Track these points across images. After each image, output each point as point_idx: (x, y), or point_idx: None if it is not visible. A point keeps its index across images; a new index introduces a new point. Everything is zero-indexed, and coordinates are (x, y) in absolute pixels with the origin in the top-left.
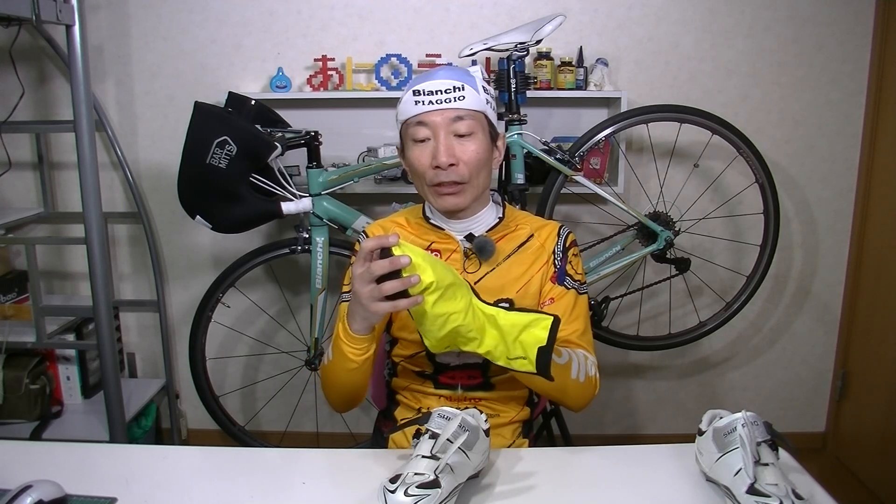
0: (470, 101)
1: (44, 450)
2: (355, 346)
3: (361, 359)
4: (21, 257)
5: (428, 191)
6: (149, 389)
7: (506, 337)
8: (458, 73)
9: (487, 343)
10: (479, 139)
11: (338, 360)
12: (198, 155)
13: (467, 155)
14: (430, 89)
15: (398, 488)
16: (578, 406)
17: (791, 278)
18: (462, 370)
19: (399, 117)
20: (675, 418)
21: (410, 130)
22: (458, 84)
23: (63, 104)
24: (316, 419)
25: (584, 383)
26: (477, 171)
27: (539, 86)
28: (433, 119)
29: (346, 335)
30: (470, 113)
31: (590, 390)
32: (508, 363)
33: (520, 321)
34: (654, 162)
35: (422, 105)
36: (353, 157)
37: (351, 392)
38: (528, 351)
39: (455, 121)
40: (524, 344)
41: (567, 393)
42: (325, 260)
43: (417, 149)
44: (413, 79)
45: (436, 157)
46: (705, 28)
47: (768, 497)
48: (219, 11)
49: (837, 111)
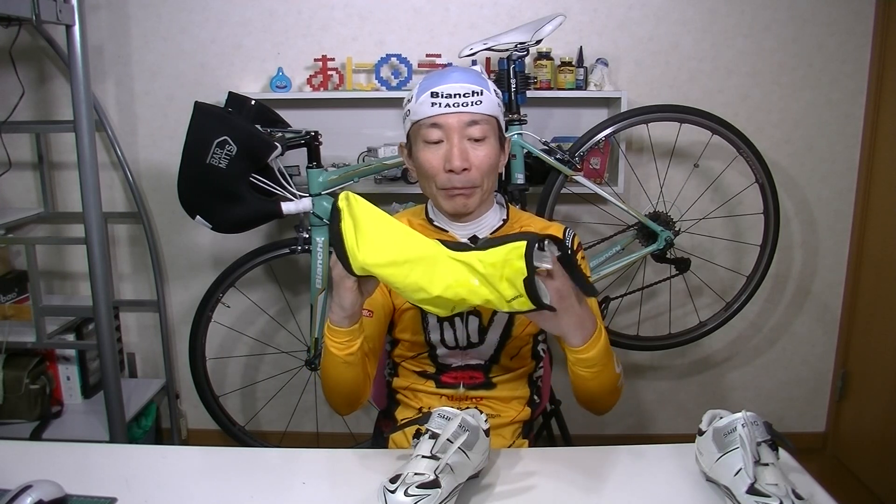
0: (486, 106)
1: (44, 450)
2: (336, 339)
3: (344, 353)
4: (21, 257)
5: (438, 193)
6: (149, 389)
7: (491, 280)
8: (473, 75)
9: (481, 293)
10: (491, 143)
11: (325, 355)
12: (198, 155)
13: (479, 160)
14: (448, 92)
15: (398, 488)
16: (611, 405)
17: (791, 278)
18: (464, 370)
19: (411, 117)
20: (675, 418)
21: (423, 132)
22: (476, 88)
23: (63, 104)
24: (316, 419)
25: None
26: (487, 176)
27: (539, 86)
28: (448, 122)
29: (327, 328)
30: (485, 118)
31: (621, 390)
32: (511, 307)
33: (496, 258)
34: (654, 162)
35: (438, 107)
36: (353, 157)
37: (346, 391)
38: (518, 286)
39: (470, 125)
40: (512, 281)
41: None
42: (325, 260)
43: (429, 151)
44: (427, 79)
45: (449, 161)
46: (705, 28)
47: (768, 497)
48: (219, 11)
49: (837, 111)
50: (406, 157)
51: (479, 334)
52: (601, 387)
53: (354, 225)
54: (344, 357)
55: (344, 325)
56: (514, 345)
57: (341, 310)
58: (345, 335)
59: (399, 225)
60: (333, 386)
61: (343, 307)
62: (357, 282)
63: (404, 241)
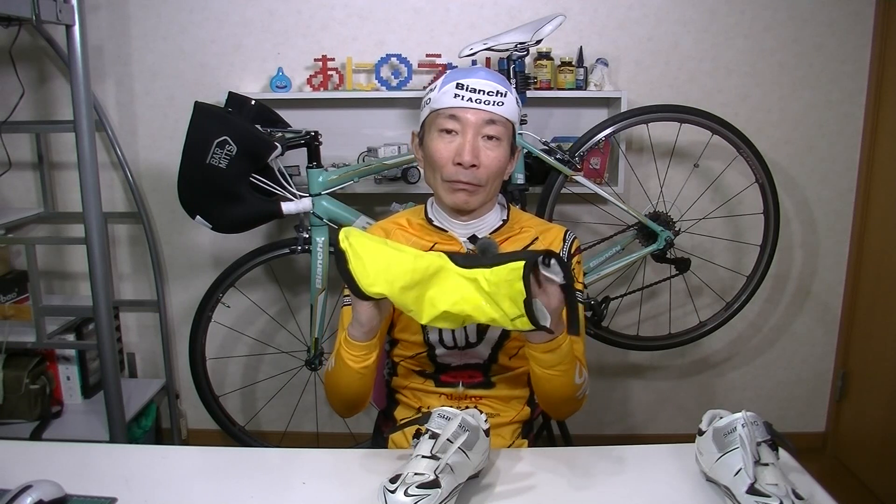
0: (506, 109)
1: (44, 450)
2: (353, 352)
3: (359, 366)
4: (21, 257)
5: (441, 184)
6: (149, 389)
7: (495, 298)
8: (499, 77)
9: (486, 311)
10: (504, 147)
11: (339, 366)
12: (198, 155)
13: (489, 160)
14: (474, 87)
15: (398, 488)
16: (566, 413)
17: (791, 278)
18: (463, 370)
19: (431, 105)
20: (675, 418)
21: (439, 120)
22: (501, 89)
23: (63, 104)
24: (316, 419)
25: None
26: (494, 178)
27: (539, 86)
28: (467, 116)
29: (345, 341)
30: (503, 120)
31: (579, 403)
32: (514, 325)
33: (499, 277)
34: (654, 162)
35: (460, 99)
36: (353, 157)
37: (353, 399)
38: (520, 306)
39: (487, 124)
40: (514, 300)
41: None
42: (325, 260)
43: (442, 141)
44: (454, 71)
45: (460, 155)
46: (705, 28)
47: (768, 497)
48: (219, 11)
49: (837, 111)
50: (416, 145)
51: (477, 334)
52: (555, 391)
53: (362, 261)
54: (359, 370)
55: (362, 340)
56: (512, 345)
57: (360, 325)
58: (362, 349)
59: (402, 249)
60: (342, 393)
61: (361, 323)
62: (374, 301)
63: (412, 264)
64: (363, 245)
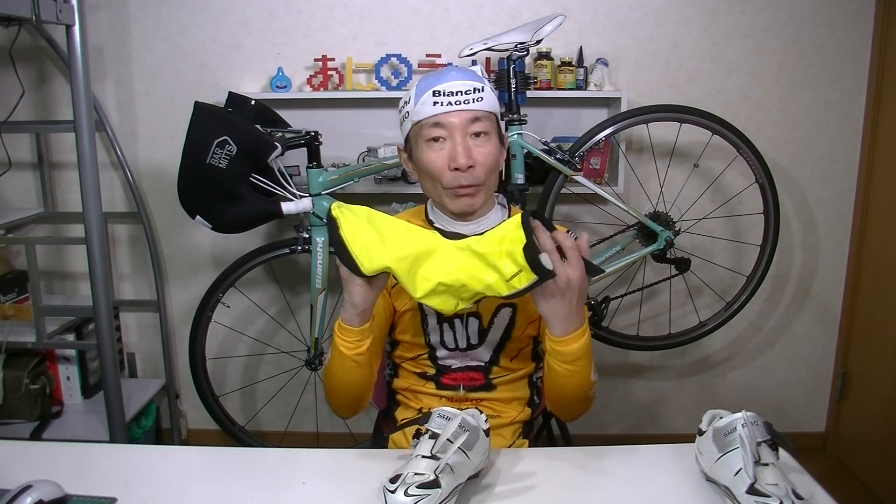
0: (487, 103)
1: (44, 450)
2: (346, 338)
3: (353, 353)
4: (21, 257)
5: (443, 193)
6: (149, 389)
7: (490, 259)
8: (470, 73)
9: (481, 277)
10: (493, 140)
11: (334, 356)
12: (198, 155)
13: (483, 156)
14: (451, 90)
15: (398, 488)
16: (577, 414)
17: (791, 278)
18: (464, 372)
19: (412, 118)
20: (675, 418)
21: (424, 131)
22: (477, 85)
23: (63, 104)
24: (316, 419)
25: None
26: (491, 172)
27: (539, 86)
28: (451, 120)
29: (338, 327)
30: (486, 114)
31: (591, 402)
32: (512, 287)
33: (494, 236)
34: (654, 162)
35: (440, 105)
36: (353, 157)
37: (351, 394)
38: (519, 258)
39: (472, 122)
40: (512, 254)
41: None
42: (325, 260)
43: (432, 150)
44: (424, 79)
45: (455, 159)
46: (705, 28)
47: (768, 497)
48: (219, 11)
49: (837, 111)
50: (405, 160)
51: (478, 336)
52: (572, 389)
53: (353, 230)
54: (353, 357)
55: (355, 324)
56: (513, 346)
57: (352, 307)
58: (355, 334)
59: (396, 221)
60: (339, 387)
61: (354, 304)
62: (366, 279)
63: (404, 236)
64: (356, 213)
